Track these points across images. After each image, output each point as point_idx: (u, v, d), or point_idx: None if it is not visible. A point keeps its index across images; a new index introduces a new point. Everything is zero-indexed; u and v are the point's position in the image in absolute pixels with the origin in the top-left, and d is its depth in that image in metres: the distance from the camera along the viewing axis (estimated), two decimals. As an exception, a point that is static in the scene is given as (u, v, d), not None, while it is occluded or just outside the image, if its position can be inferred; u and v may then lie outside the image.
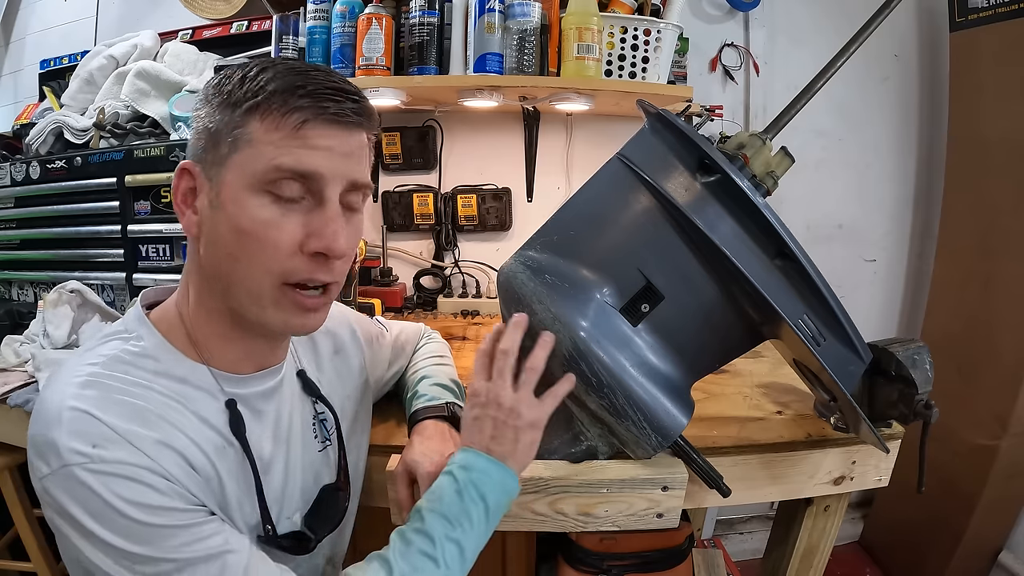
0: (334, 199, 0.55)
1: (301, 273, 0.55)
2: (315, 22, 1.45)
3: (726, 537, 2.06)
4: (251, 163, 0.53)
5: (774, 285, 0.65)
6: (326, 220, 0.54)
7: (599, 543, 1.05)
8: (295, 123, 0.52)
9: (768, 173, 0.73)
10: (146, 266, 1.43)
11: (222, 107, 0.55)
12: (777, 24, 1.83)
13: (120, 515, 0.49)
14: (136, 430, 0.51)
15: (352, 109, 0.55)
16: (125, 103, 1.57)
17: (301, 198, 0.54)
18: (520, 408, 0.65)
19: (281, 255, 0.54)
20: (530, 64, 1.37)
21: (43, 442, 0.50)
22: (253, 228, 0.53)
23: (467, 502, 0.60)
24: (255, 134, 0.53)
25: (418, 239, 1.78)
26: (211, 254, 0.56)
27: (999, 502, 1.65)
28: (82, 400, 0.51)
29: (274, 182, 0.53)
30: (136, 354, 0.56)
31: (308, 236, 0.54)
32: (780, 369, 1.13)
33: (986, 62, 1.63)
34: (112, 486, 0.49)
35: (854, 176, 1.94)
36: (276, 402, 0.65)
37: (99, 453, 0.49)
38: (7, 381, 1.14)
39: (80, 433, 0.49)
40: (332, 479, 0.72)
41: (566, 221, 0.75)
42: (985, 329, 1.65)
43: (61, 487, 0.49)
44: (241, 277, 0.55)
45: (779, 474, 0.85)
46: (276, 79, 0.53)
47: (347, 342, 0.80)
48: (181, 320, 0.60)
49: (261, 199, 0.53)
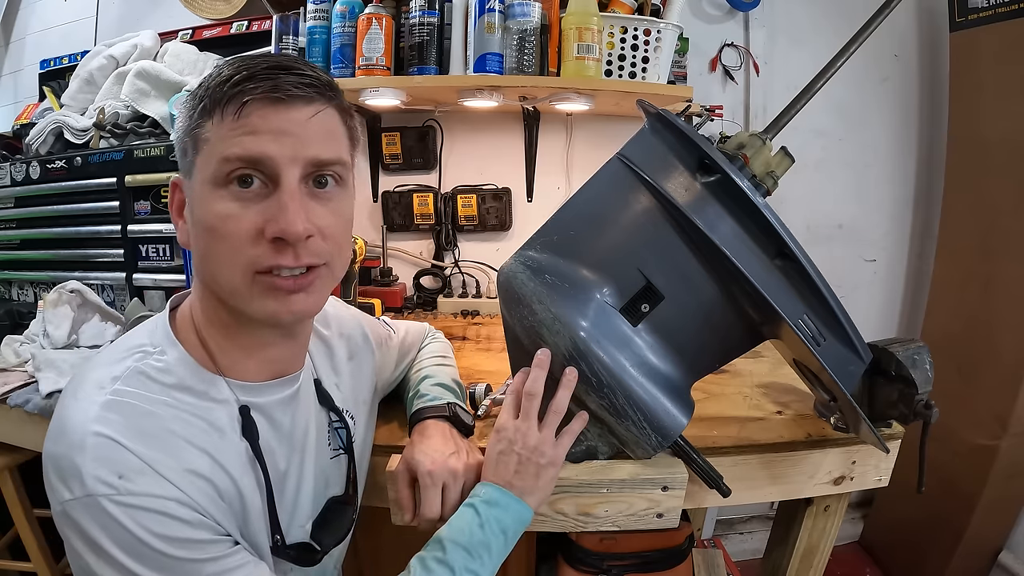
0: (291, 181, 0.53)
1: (266, 260, 0.53)
2: (315, 22, 1.45)
3: (726, 537, 2.06)
4: (208, 161, 0.53)
5: (774, 285, 0.65)
6: (281, 204, 0.52)
7: (599, 543, 1.05)
8: (235, 109, 0.51)
9: (768, 173, 0.73)
10: (146, 266, 1.43)
11: (184, 116, 0.55)
12: (777, 24, 1.83)
13: (147, 547, 0.48)
14: (162, 459, 0.51)
15: (294, 83, 0.52)
16: (125, 103, 1.57)
17: (261, 186, 0.53)
18: (544, 448, 0.68)
19: (244, 245, 0.52)
20: (530, 64, 1.37)
21: (67, 467, 0.49)
22: (216, 223, 0.52)
23: (488, 535, 0.63)
24: (209, 131, 0.52)
25: (418, 239, 1.78)
26: (196, 259, 0.57)
27: (999, 502, 1.65)
28: (107, 424, 0.50)
29: (228, 175, 0.52)
30: (160, 370, 0.56)
31: (265, 223, 0.52)
32: (780, 369, 1.13)
33: (986, 62, 1.63)
34: (139, 519, 0.48)
35: (854, 176, 1.94)
36: (292, 411, 0.65)
37: (126, 485, 0.48)
38: (7, 381, 1.14)
39: (106, 461, 0.49)
40: (341, 488, 0.72)
41: (566, 221, 0.75)
42: (985, 329, 1.65)
43: (86, 514, 0.48)
44: (219, 275, 0.54)
45: (779, 474, 0.85)
46: (221, 73, 0.53)
47: (360, 346, 0.80)
48: (196, 331, 0.60)
49: (220, 194, 0.52)
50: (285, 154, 0.52)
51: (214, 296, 0.57)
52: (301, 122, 0.53)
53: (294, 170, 0.53)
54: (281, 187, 0.52)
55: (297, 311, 0.56)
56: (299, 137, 0.53)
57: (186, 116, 0.55)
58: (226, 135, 0.52)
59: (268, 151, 0.51)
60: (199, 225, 0.54)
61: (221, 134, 0.52)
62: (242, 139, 0.51)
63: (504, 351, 0.81)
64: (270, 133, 0.51)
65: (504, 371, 0.88)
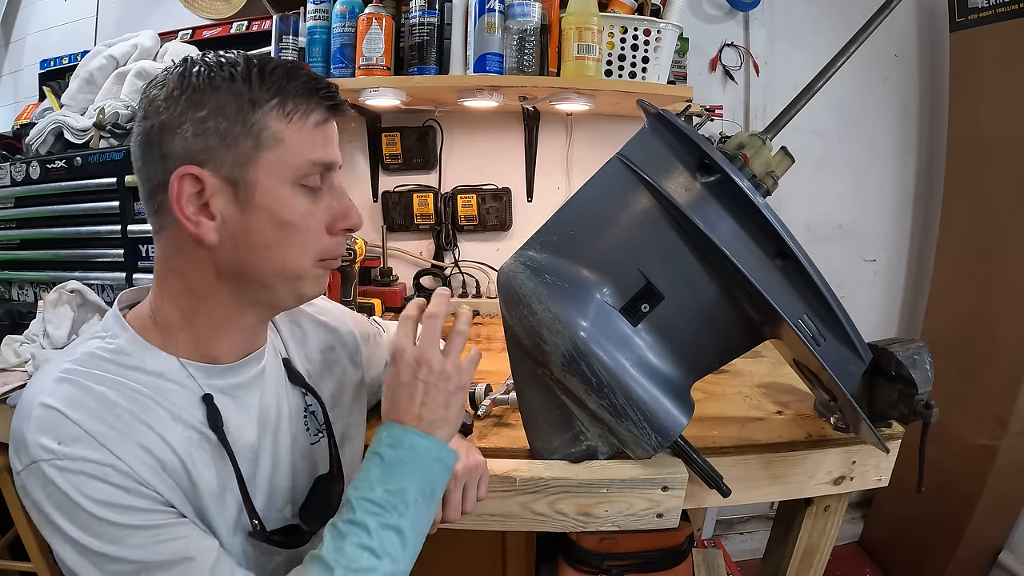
0: (340, 181, 0.62)
1: (335, 250, 0.61)
2: (315, 22, 1.45)
3: (726, 537, 2.06)
4: (286, 160, 0.56)
5: (774, 285, 0.65)
6: (346, 203, 0.61)
7: (599, 543, 1.05)
8: (316, 121, 0.58)
9: (768, 173, 0.73)
10: (146, 266, 1.43)
11: (226, 106, 0.53)
12: (777, 24, 1.83)
13: (86, 513, 0.50)
14: (103, 430, 0.52)
15: (343, 103, 0.61)
16: (125, 103, 1.57)
17: (319, 186, 0.59)
18: (449, 370, 0.63)
19: (319, 238, 0.59)
20: (530, 64, 1.37)
21: (18, 438, 0.52)
22: (293, 218, 0.57)
23: (402, 481, 0.57)
24: (282, 133, 0.56)
25: (418, 239, 1.78)
26: (238, 252, 0.56)
27: (999, 502, 1.65)
28: (54, 396, 0.52)
29: (306, 175, 0.58)
30: (111, 350, 0.57)
31: (334, 218, 0.60)
32: (780, 369, 1.13)
33: (986, 62, 1.63)
34: (77, 484, 0.50)
35: (854, 176, 1.94)
36: (259, 391, 0.65)
37: (63, 450, 0.50)
38: (7, 381, 1.14)
39: (47, 430, 0.51)
40: (326, 467, 0.71)
41: (566, 221, 0.75)
42: (985, 329, 1.65)
43: (32, 482, 0.50)
44: (283, 263, 0.58)
45: (779, 474, 0.85)
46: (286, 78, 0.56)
47: (343, 337, 0.80)
48: (155, 320, 0.60)
49: (295, 191, 0.57)
50: (339, 160, 0.61)
51: (243, 286, 0.58)
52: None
53: (338, 172, 0.62)
54: (335, 188, 0.61)
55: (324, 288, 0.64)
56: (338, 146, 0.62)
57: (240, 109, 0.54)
58: (306, 139, 0.57)
59: (336, 158, 0.60)
60: (269, 219, 0.56)
61: (302, 137, 0.57)
62: (325, 147, 0.59)
63: (504, 351, 0.81)
64: (334, 143, 0.60)
65: (504, 371, 0.88)
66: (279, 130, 0.55)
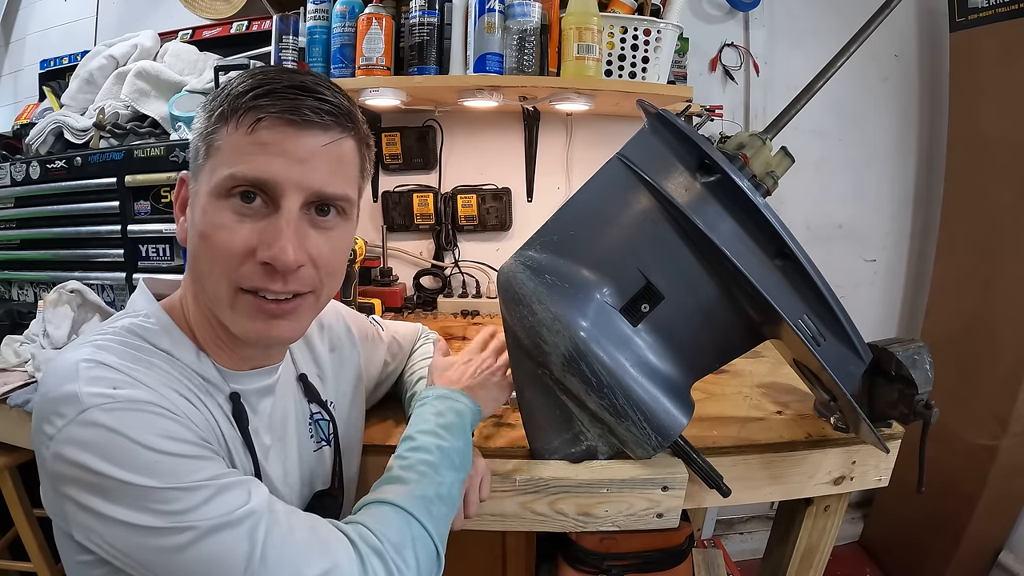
0: (291, 208, 0.52)
1: (252, 280, 0.53)
2: (315, 22, 1.45)
3: (726, 537, 2.06)
4: (216, 170, 0.53)
5: (774, 285, 0.65)
6: (276, 230, 0.52)
7: (599, 543, 1.05)
8: (249, 123, 0.51)
9: (768, 173, 0.73)
10: (146, 266, 1.43)
11: (203, 118, 0.55)
12: (777, 24, 1.83)
13: (144, 448, 0.47)
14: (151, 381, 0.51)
15: (311, 107, 0.52)
16: (125, 103, 1.57)
17: (262, 205, 0.53)
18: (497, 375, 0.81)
19: (233, 260, 0.52)
20: (530, 64, 1.37)
21: (57, 397, 0.48)
22: (210, 232, 0.52)
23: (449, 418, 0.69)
24: (221, 140, 0.53)
25: (418, 239, 1.78)
26: (189, 259, 0.57)
27: (999, 502, 1.65)
28: (96, 356, 0.50)
29: (231, 189, 0.52)
30: (149, 329, 0.56)
31: (259, 243, 0.52)
32: (780, 369, 1.13)
33: (986, 62, 1.63)
34: (135, 420, 0.47)
35: (854, 176, 1.94)
36: (271, 399, 0.65)
37: (120, 393, 0.48)
38: (7, 381, 1.14)
39: (97, 380, 0.48)
40: (326, 482, 0.72)
41: (566, 221, 0.75)
42: (985, 329, 1.65)
43: (76, 438, 0.46)
44: (205, 282, 0.55)
45: (779, 474, 0.85)
46: (244, 83, 0.52)
47: (342, 338, 0.80)
48: (183, 313, 0.60)
49: (220, 205, 0.53)
50: (291, 179, 0.52)
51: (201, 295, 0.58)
52: (312, 149, 0.53)
53: (296, 197, 0.53)
54: (280, 212, 0.52)
55: (277, 336, 0.56)
56: (307, 165, 0.52)
57: (203, 119, 0.55)
58: (237, 148, 0.52)
59: (274, 174, 0.51)
60: (195, 229, 0.55)
61: (232, 146, 0.52)
62: (254, 157, 0.51)
63: (504, 351, 0.81)
64: (280, 156, 0.51)
65: (504, 371, 0.88)
66: (219, 136, 0.53)
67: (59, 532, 0.53)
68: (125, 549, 0.47)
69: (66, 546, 0.53)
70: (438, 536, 0.58)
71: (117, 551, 0.48)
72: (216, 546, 0.47)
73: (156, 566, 0.47)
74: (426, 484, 0.60)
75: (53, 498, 0.50)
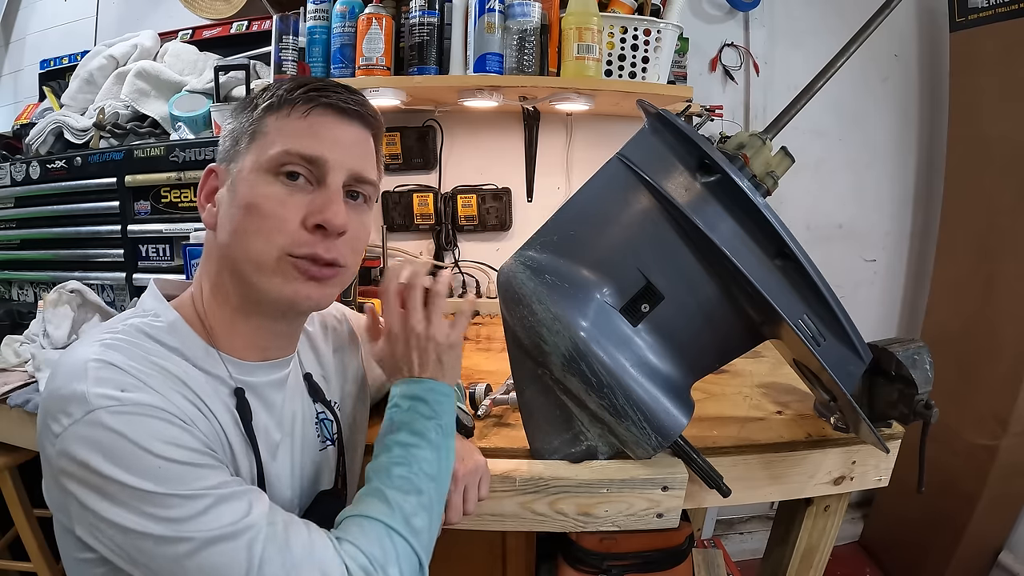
0: (336, 183, 0.58)
1: (304, 247, 0.57)
2: (315, 22, 1.45)
3: (726, 537, 2.06)
4: (266, 149, 0.57)
5: (774, 285, 0.65)
6: (327, 198, 0.58)
7: (599, 543, 1.05)
8: (302, 112, 0.58)
9: (768, 173, 0.73)
10: (146, 266, 1.43)
11: (244, 112, 0.61)
12: (777, 24, 1.83)
13: (148, 454, 0.47)
14: (159, 384, 0.52)
15: (353, 101, 0.60)
16: (125, 103, 1.57)
17: (307, 182, 0.58)
18: (436, 333, 0.69)
19: (286, 228, 0.57)
20: (530, 64, 1.37)
21: (65, 395, 0.49)
22: (260, 203, 0.56)
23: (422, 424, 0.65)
24: (270, 126, 0.58)
25: (418, 239, 1.78)
26: (223, 235, 0.59)
27: (999, 502, 1.65)
28: (105, 356, 0.51)
29: (283, 165, 0.57)
30: (157, 328, 0.57)
31: (310, 213, 0.57)
32: (780, 369, 1.13)
33: (986, 62, 1.63)
34: (141, 425, 0.48)
35: (854, 176, 1.94)
36: (283, 394, 0.66)
37: (127, 396, 0.49)
38: (7, 381, 1.14)
39: (107, 381, 0.49)
40: (330, 481, 0.72)
41: (566, 221, 0.75)
42: (985, 329, 1.65)
43: (82, 438, 0.47)
44: (247, 250, 0.57)
45: (779, 474, 0.85)
46: (289, 83, 0.60)
47: (345, 339, 0.81)
48: (195, 309, 0.61)
49: (269, 179, 0.57)
50: (337, 159, 0.58)
51: (232, 276, 0.59)
52: (353, 138, 0.61)
53: (340, 175, 0.59)
54: (327, 186, 0.58)
55: (310, 297, 0.59)
56: (349, 150, 0.60)
57: (247, 112, 0.60)
58: (290, 131, 0.58)
59: (324, 153, 0.58)
60: (239, 203, 0.57)
61: (285, 129, 0.58)
62: (305, 139, 0.57)
63: (504, 351, 0.81)
64: (330, 141, 0.58)
65: (504, 371, 0.88)
66: (267, 123, 0.58)
67: (60, 528, 0.54)
68: (126, 550, 0.48)
69: (67, 543, 0.53)
70: (421, 548, 0.59)
71: (120, 550, 0.49)
72: (216, 557, 0.48)
73: (155, 570, 0.48)
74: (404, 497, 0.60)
75: (56, 494, 0.50)
